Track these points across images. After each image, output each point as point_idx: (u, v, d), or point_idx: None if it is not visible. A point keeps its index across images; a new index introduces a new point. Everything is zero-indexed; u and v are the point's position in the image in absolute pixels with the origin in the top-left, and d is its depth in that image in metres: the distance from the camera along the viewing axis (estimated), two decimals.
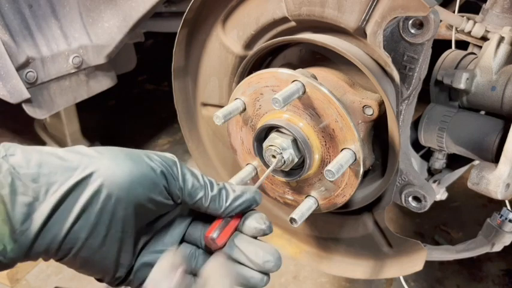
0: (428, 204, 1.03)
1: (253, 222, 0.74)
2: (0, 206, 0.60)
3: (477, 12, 1.25)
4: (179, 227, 0.78)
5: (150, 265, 0.74)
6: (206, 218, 0.77)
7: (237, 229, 0.75)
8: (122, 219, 0.67)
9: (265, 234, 0.74)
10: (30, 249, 0.63)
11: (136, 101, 3.83)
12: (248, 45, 1.11)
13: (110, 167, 0.65)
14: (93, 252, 0.67)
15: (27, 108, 1.58)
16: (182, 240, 0.78)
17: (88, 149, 0.69)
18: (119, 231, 0.68)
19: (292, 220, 0.91)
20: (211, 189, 0.72)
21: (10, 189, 0.61)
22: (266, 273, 0.72)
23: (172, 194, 0.70)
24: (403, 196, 1.05)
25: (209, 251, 0.76)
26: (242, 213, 0.75)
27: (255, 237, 0.75)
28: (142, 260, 0.74)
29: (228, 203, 0.73)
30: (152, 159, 0.69)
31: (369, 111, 0.95)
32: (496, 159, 1.02)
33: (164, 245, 0.76)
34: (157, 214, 0.73)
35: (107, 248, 0.68)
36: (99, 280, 0.74)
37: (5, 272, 2.21)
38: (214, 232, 0.72)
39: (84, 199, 0.64)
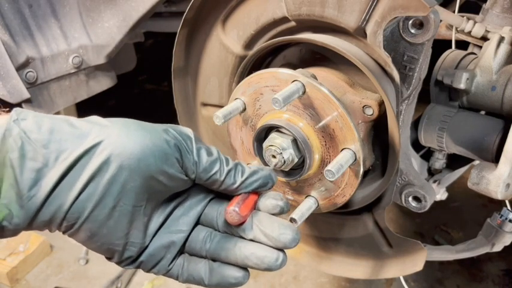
0: (428, 204, 1.03)
1: (270, 199, 0.74)
2: (8, 169, 0.59)
3: (477, 12, 1.25)
4: (195, 208, 0.76)
5: (164, 247, 0.73)
6: (222, 199, 0.76)
7: (255, 208, 0.74)
8: (132, 191, 0.65)
9: (282, 212, 0.74)
10: (35, 217, 0.62)
11: (136, 101, 3.83)
12: (248, 45, 1.11)
13: (120, 135, 0.64)
14: (99, 225, 0.65)
15: (27, 108, 1.58)
16: (198, 223, 0.77)
17: (101, 119, 0.68)
18: (128, 204, 0.66)
19: (292, 220, 0.91)
20: (227, 164, 0.72)
21: (19, 154, 0.59)
22: (282, 250, 0.71)
23: (186, 168, 0.69)
24: (403, 196, 1.05)
25: (224, 232, 0.75)
26: (258, 191, 0.75)
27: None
28: (157, 241, 0.73)
29: (243, 178, 0.72)
30: (167, 131, 0.68)
31: (369, 111, 0.95)
32: (496, 159, 1.02)
33: (179, 225, 0.75)
34: (171, 191, 0.72)
35: (115, 221, 0.66)
36: (109, 259, 0.72)
37: (5, 272, 2.21)
38: (235, 205, 0.71)
39: (92, 168, 0.62)
